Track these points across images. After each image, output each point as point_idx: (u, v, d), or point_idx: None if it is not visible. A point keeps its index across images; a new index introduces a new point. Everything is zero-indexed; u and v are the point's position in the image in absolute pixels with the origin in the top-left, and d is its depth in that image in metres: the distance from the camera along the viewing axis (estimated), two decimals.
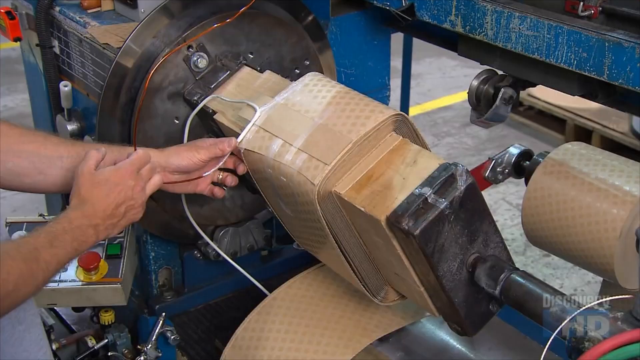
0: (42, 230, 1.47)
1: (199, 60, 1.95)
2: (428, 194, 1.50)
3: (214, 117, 1.89)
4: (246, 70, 1.96)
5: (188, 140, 1.94)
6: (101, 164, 1.62)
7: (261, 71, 1.95)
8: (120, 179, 1.59)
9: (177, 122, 1.98)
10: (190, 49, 1.93)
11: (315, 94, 1.73)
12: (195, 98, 1.93)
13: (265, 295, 2.00)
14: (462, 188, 1.52)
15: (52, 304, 2.13)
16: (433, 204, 1.49)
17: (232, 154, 1.81)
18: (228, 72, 1.95)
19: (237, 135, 1.78)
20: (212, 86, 1.94)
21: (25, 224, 2.10)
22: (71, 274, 2.02)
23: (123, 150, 1.72)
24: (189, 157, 1.78)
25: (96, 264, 2.02)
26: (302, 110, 1.71)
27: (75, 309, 2.47)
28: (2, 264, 1.33)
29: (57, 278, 2.00)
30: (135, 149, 1.70)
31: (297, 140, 1.66)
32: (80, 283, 2.02)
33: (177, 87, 1.95)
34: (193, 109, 1.92)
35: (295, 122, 1.70)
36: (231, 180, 1.89)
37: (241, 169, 1.84)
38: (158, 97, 1.94)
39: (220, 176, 1.88)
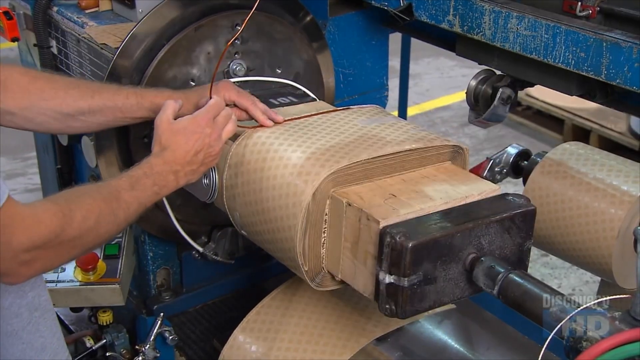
0: (124, 175, 1.57)
1: None
2: None
3: None
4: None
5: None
6: (178, 113, 1.69)
7: None
8: (198, 127, 1.66)
9: None
10: None
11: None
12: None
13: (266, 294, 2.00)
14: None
15: None
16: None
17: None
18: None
19: None
20: None
21: None
22: (69, 274, 2.02)
23: (196, 97, 1.78)
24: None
25: (94, 264, 2.02)
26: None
27: (74, 309, 2.47)
28: (83, 201, 1.41)
29: (55, 278, 2.00)
30: (210, 96, 1.74)
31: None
32: (78, 283, 2.01)
33: None
34: None
35: None
36: None
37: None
38: None
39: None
